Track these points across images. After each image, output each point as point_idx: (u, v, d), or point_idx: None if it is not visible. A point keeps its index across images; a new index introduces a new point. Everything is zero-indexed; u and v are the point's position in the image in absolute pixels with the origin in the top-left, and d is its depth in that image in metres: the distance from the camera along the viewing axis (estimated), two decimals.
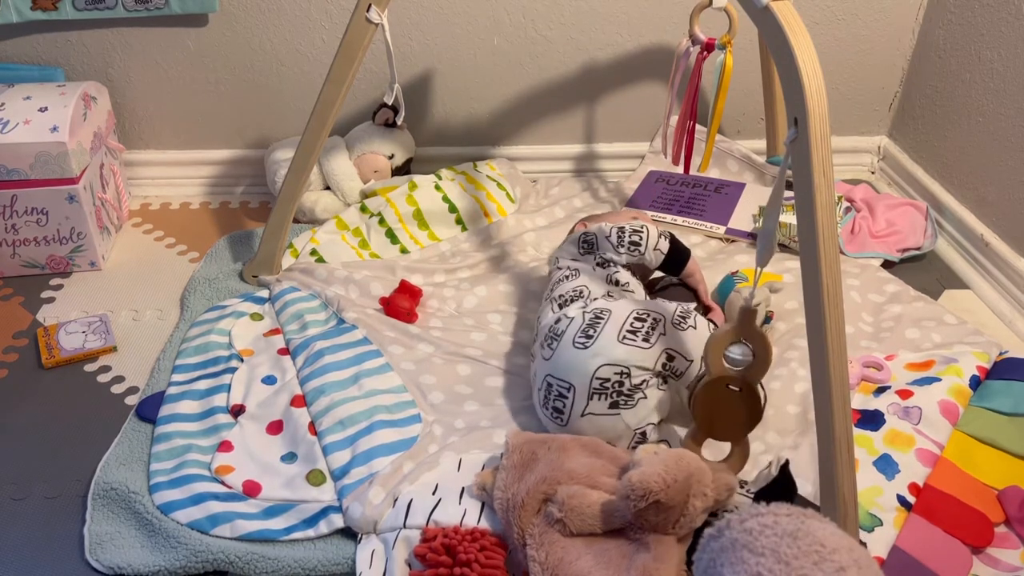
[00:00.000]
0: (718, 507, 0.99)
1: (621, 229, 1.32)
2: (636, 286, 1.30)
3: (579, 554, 0.95)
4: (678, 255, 1.33)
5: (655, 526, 0.95)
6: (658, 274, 1.38)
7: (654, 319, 1.14)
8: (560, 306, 1.24)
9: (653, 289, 1.38)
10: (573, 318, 1.17)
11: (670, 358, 1.12)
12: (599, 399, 1.10)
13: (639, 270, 1.34)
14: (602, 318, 1.15)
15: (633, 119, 1.89)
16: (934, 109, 1.79)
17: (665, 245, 1.31)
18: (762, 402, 1.05)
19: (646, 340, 1.11)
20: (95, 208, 1.55)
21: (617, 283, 1.28)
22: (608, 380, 1.10)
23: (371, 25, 1.31)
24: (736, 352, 1.03)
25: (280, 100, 1.80)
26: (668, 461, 0.95)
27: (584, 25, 1.76)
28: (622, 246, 1.31)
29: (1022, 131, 1.53)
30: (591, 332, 1.13)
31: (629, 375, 1.10)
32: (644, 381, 1.11)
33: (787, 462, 1.05)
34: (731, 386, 1.05)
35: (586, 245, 1.34)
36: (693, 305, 1.21)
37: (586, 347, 1.12)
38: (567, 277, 1.30)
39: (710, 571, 0.80)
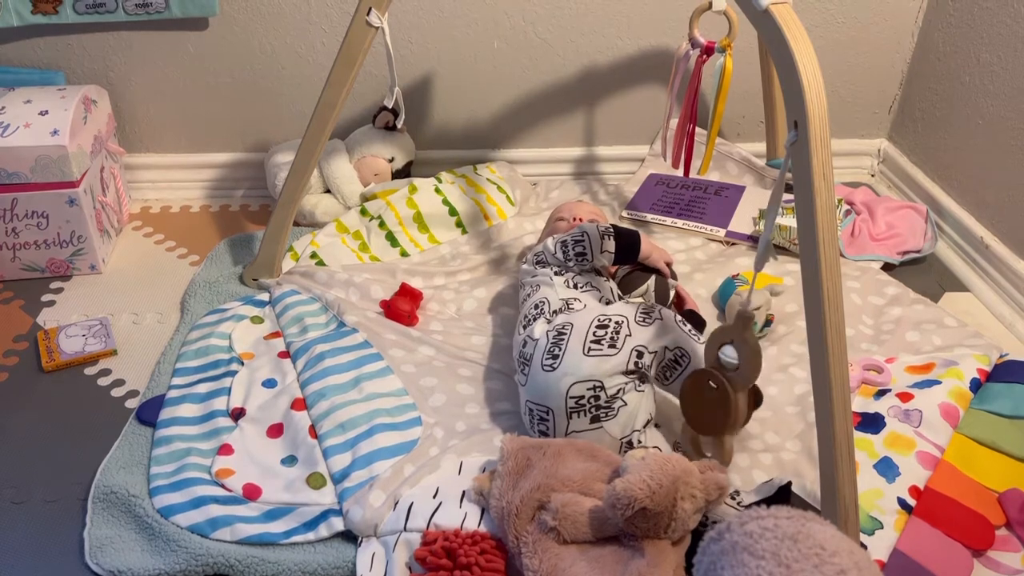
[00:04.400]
0: (710, 507, 0.99)
1: (564, 243, 1.31)
2: (599, 282, 1.30)
3: (573, 561, 0.95)
4: (629, 247, 1.32)
5: (647, 532, 0.96)
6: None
7: (616, 322, 1.13)
8: (524, 326, 1.23)
9: (617, 280, 1.38)
10: (538, 340, 1.16)
11: (639, 355, 1.11)
12: (578, 417, 1.10)
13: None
14: (565, 333, 1.14)
15: (633, 122, 1.89)
16: (934, 112, 1.79)
17: (611, 244, 1.29)
18: (736, 410, 1.05)
19: (612, 346, 1.10)
20: (95, 211, 1.55)
21: (577, 286, 1.28)
22: (582, 397, 1.09)
23: (371, 28, 1.31)
24: (728, 353, 1.04)
25: (280, 103, 1.80)
26: (653, 466, 0.96)
27: (584, 28, 1.76)
28: (570, 260, 1.30)
29: (1022, 133, 1.53)
30: (556, 351, 1.12)
31: (603, 387, 1.09)
32: (620, 389, 1.10)
33: (788, 483, 1.04)
34: (711, 382, 1.05)
35: (540, 264, 1.34)
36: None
37: (554, 368, 1.11)
38: (529, 295, 1.29)
39: (710, 574, 0.80)
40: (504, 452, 1.07)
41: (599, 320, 1.13)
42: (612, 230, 1.30)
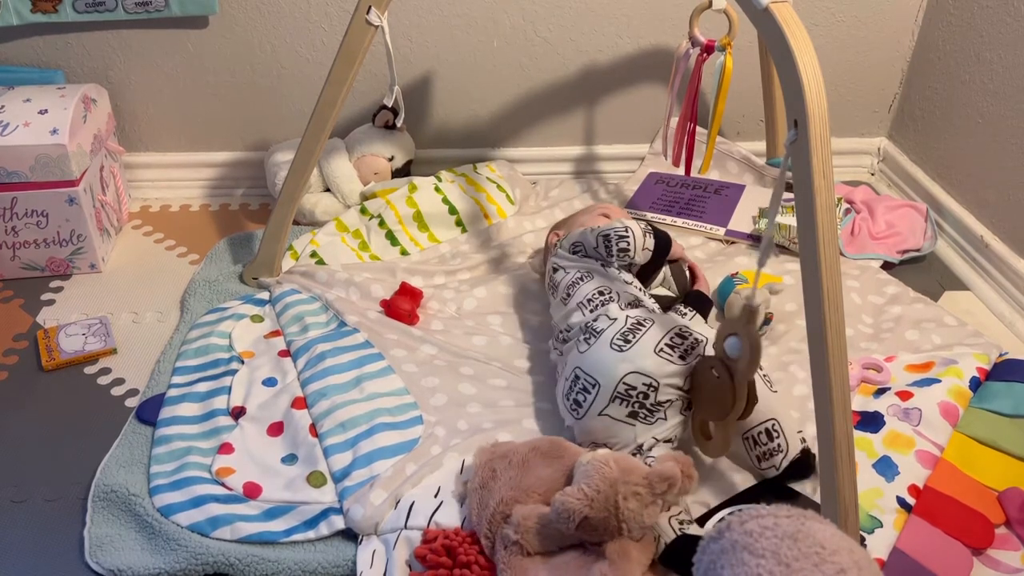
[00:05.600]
0: (663, 498, 0.97)
1: (606, 237, 1.31)
2: (630, 279, 1.31)
3: (537, 571, 0.95)
4: (664, 246, 1.33)
5: (600, 537, 0.96)
6: None
7: (695, 339, 1.13)
8: (592, 309, 1.23)
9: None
10: (615, 319, 1.17)
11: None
12: (620, 404, 1.10)
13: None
14: (644, 326, 1.14)
15: (633, 121, 1.89)
16: (934, 111, 1.79)
17: (651, 243, 1.31)
18: (735, 399, 1.04)
19: (683, 358, 1.11)
20: (95, 210, 1.55)
21: (624, 282, 1.29)
22: (634, 388, 1.09)
23: (371, 27, 1.31)
24: (731, 344, 1.04)
25: (280, 102, 1.80)
26: (591, 472, 0.96)
27: (584, 27, 1.76)
28: (611, 255, 1.31)
29: (1022, 132, 1.53)
30: (630, 337, 1.12)
31: (656, 389, 1.09)
32: (670, 400, 1.10)
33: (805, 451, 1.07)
34: (713, 370, 1.05)
35: (577, 253, 1.34)
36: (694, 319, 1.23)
37: (621, 350, 1.11)
38: (581, 279, 1.29)
39: (710, 573, 0.80)
40: (472, 466, 1.07)
41: (680, 330, 1.14)
42: (651, 228, 1.32)
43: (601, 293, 1.24)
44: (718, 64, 1.40)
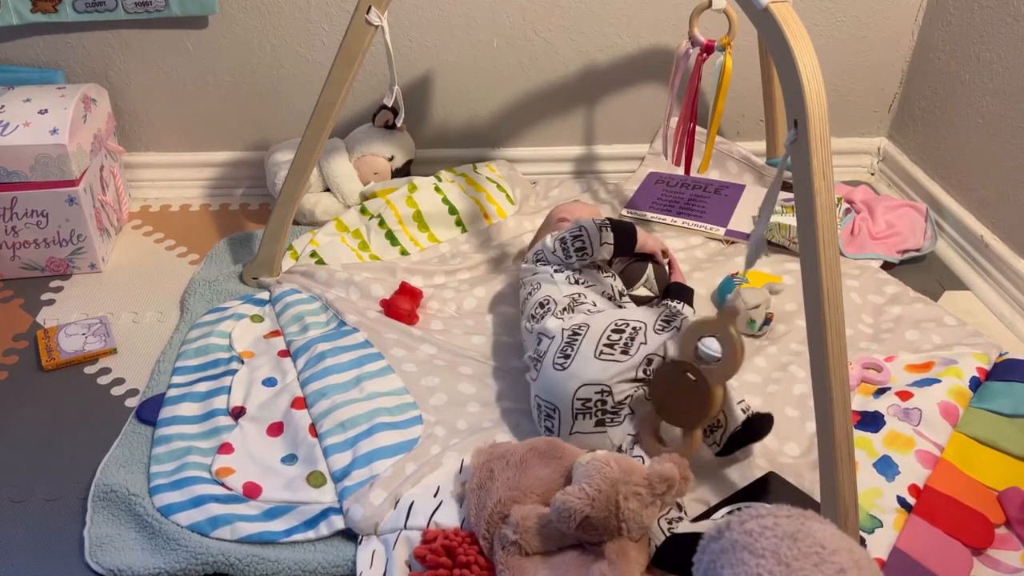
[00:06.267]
0: (663, 499, 0.97)
1: (562, 240, 1.31)
2: (599, 277, 1.30)
3: (536, 571, 0.95)
4: (626, 236, 1.32)
5: (600, 536, 0.96)
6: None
7: (633, 328, 1.12)
8: (533, 324, 1.23)
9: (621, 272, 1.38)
10: (554, 337, 1.16)
11: (649, 362, 1.10)
12: (584, 418, 1.10)
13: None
14: (579, 334, 1.14)
15: (633, 121, 1.89)
16: (933, 110, 1.79)
17: (609, 236, 1.30)
18: (713, 403, 1.04)
19: (625, 352, 1.10)
20: (95, 210, 1.55)
21: (579, 282, 1.28)
22: (589, 400, 1.09)
23: (371, 27, 1.31)
24: (709, 345, 1.03)
25: (280, 102, 1.80)
26: (592, 472, 0.96)
27: (584, 27, 1.76)
28: (570, 257, 1.31)
29: (1022, 132, 1.53)
30: (568, 351, 1.12)
31: (611, 392, 1.09)
32: (628, 396, 1.10)
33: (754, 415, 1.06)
34: (689, 374, 1.04)
35: (540, 262, 1.34)
36: (683, 309, 1.21)
37: (564, 368, 1.11)
38: (531, 293, 1.30)
39: (710, 572, 0.80)
40: (470, 467, 1.07)
41: (616, 324, 1.13)
42: (608, 222, 1.31)
43: (542, 305, 1.25)
44: (718, 64, 1.40)
